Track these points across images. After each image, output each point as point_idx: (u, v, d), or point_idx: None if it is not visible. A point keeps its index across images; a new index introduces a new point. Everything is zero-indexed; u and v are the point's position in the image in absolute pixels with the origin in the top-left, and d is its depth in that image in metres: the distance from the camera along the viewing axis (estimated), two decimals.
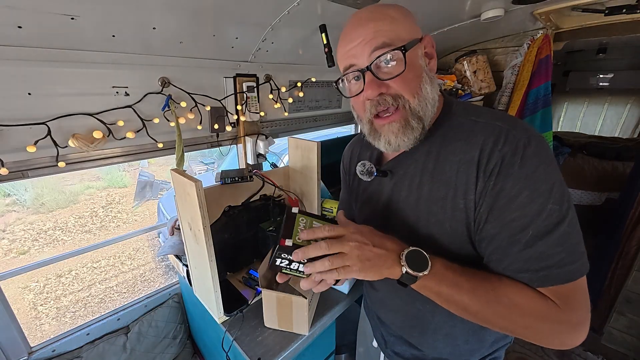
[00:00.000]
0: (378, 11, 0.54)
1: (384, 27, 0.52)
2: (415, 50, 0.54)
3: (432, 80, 0.57)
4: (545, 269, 0.48)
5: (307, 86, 1.51)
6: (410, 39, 0.53)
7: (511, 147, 0.49)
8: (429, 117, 0.57)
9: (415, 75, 0.54)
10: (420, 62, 0.55)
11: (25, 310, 2.84)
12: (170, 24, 0.88)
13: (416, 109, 0.55)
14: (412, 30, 0.54)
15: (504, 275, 0.52)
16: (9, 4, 0.64)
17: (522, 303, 0.49)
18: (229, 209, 1.12)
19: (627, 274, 1.77)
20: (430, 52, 0.57)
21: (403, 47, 0.51)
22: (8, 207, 4.81)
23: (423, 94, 0.55)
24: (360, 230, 0.53)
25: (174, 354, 1.38)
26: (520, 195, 0.48)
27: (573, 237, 0.48)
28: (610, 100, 2.95)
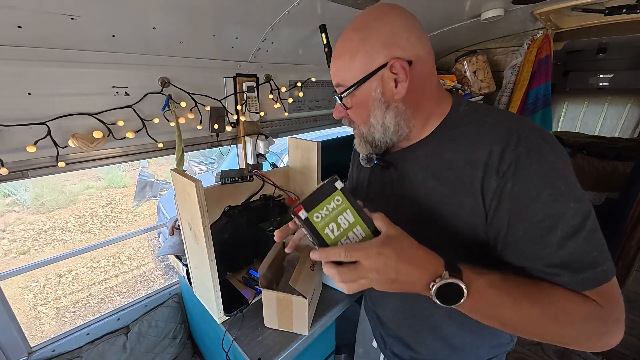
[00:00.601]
0: (342, 46, 0.58)
1: (340, 67, 0.58)
2: (368, 85, 0.56)
3: (386, 109, 0.57)
4: (582, 270, 0.46)
5: (307, 86, 1.51)
6: (360, 77, 0.55)
7: (525, 147, 0.48)
8: (380, 142, 0.61)
9: (363, 109, 0.59)
10: (372, 94, 0.56)
11: (25, 310, 2.84)
12: (170, 24, 0.88)
13: (365, 134, 0.62)
14: (371, 61, 0.54)
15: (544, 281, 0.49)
16: (9, 4, 0.64)
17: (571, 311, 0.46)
18: (229, 209, 1.12)
19: (627, 274, 1.77)
20: (399, 76, 0.53)
21: (341, 94, 0.58)
22: (8, 207, 4.81)
23: (371, 123, 0.59)
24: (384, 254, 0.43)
25: (174, 354, 1.38)
26: (541, 194, 0.47)
27: (598, 233, 0.47)
28: (610, 100, 2.95)
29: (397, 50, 0.53)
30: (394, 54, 0.53)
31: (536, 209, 0.47)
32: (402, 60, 0.53)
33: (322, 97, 1.65)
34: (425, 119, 0.60)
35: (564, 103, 3.19)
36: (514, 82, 1.71)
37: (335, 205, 0.48)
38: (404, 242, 0.46)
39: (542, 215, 0.47)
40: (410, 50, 0.54)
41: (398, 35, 0.54)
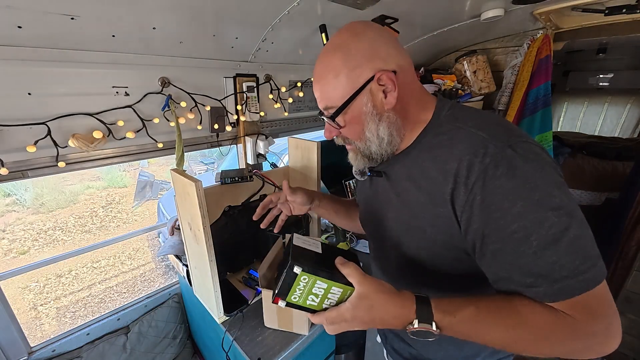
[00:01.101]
0: (325, 66, 0.57)
1: (325, 88, 0.58)
2: (357, 100, 0.56)
3: (380, 121, 0.57)
4: (560, 280, 0.45)
5: (307, 86, 1.51)
6: (351, 92, 0.55)
7: (493, 159, 0.47)
8: (377, 154, 0.61)
9: (356, 124, 0.59)
10: (364, 109, 0.57)
11: (25, 310, 2.84)
12: (170, 24, 0.88)
13: (362, 148, 0.61)
14: (357, 77, 0.55)
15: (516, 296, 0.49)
16: (9, 4, 0.64)
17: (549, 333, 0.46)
18: (229, 209, 1.12)
19: (626, 274, 1.77)
20: (387, 87, 0.55)
21: (330, 115, 0.59)
22: (8, 207, 4.81)
23: (366, 136, 0.59)
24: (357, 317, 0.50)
25: (174, 354, 1.38)
26: (513, 206, 0.46)
27: (584, 240, 0.45)
28: (610, 100, 2.95)
29: (380, 62, 0.55)
30: (378, 66, 0.54)
31: (509, 221, 0.46)
32: (388, 72, 0.54)
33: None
34: (412, 126, 0.60)
35: (564, 103, 3.19)
36: (514, 82, 1.71)
37: (305, 283, 0.51)
38: (374, 300, 0.49)
39: (516, 226, 0.46)
40: (392, 61, 0.55)
41: (378, 48, 0.55)
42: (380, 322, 0.50)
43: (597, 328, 0.45)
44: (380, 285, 0.50)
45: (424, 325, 0.47)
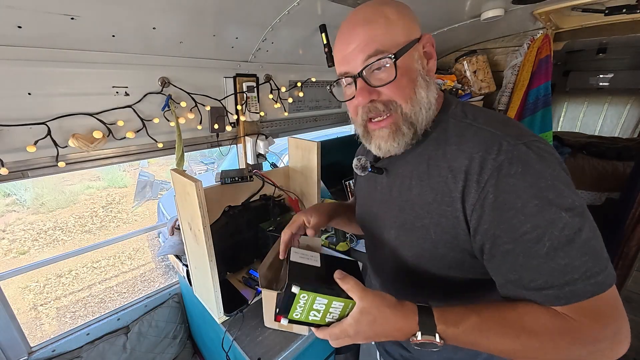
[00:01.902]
0: (374, 11, 0.52)
1: (378, 32, 0.51)
2: (411, 54, 0.52)
3: (428, 83, 0.55)
4: (571, 282, 0.43)
5: (307, 86, 1.51)
6: (405, 42, 0.52)
7: (508, 156, 0.46)
8: (423, 121, 0.55)
9: (408, 81, 0.53)
10: (415, 65, 0.53)
11: (25, 310, 2.84)
12: (171, 24, 0.88)
13: (408, 114, 0.54)
14: (410, 31, 0.53)
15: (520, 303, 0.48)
16: (9, 4, 0.64)
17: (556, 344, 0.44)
18: (229, 209, 1.12)
19: (627, 274, 1.77)
20: (429, 52, 0.55)
21: (394, 54, 0.51)
22: (8, 207, 4.82)
23: (417, 98, 0.54)
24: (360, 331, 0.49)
25: (174, 354, 1.38)
26: (527, 205, 0.44)
27: (596, 242, 0.44)
28: (610, 100, 2.95)
29: (420, 30, 0.54)
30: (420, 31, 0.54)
31: (522, 220, 0.45)
32: (432, 37, 0.54)
33: (322, 97, 1.65)
34: None
35: (564, 103, 3.19)
36: (514, 82, 1.71)
37: (304, 301, 0.51)
38: (376, 314, 0.48)
39: (529, 226, 0.44)
40: None
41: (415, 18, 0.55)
42: (383, 335, 0.49)
43: (605, 333, 0.43)
44: (381, 298, 0.49)
45: (427, 337, 0.46)
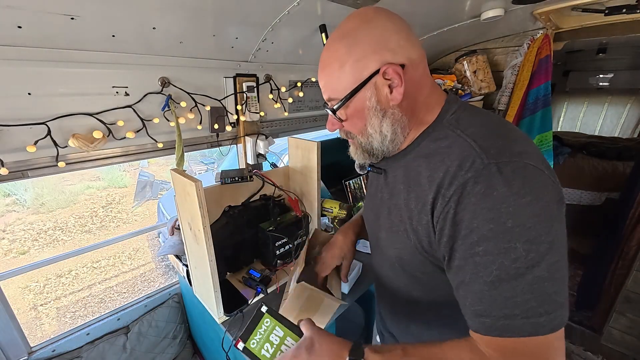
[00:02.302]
0: (330, 54, 0.55)
1: (331, 78, 0.56)
2: (361, 94, 0.54)
3: (383, 117, 0.55)
4: (509, 317, 0.42)
5: (307, 86, 1.51)
6: (355, 84, 0.53)
7: (475, 174, 0.45)
8: (380, 148, 0.59)
9: (358, 119, 0.57)
10: (366, 103, 0.54)
11: (26, 310, 2.84)
12: (171, 24, 0.88)
13: (363, 143, 0.60)
14: (363, 68, 0.52)
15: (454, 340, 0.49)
16: (9, 4, 0.64)
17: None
18: (229, 209, 1.12)
19: (627, 274, 1.77)
20: (394, 81, 0.52)
21: (333, 108, 0.57)
22: (8, 207, 4.82)
23: (369, 132, 0.57)
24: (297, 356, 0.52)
25: (174, 354, 1.38)
26: (482, 228, 0.43)
27: (550, 284, 0.41)
28: (610, 100, 2.95)
29: (388, 54, 0.51)
30: (386, 59, 0.51)
31: (475, 242, 0.44)
32: (395, 65, 0.51)
33: (322, 97, 1.65)
34: (417, 126, 0.58)
35: (564, 103, 3.20)
36: (514, 82, 1.71)
37: (266, 327, 0.57)
38: (315, 340, 0.53)
39: (481, 250, 0.44)
40: (402, 54, 0.51)
41: (388, 39, 0.51)
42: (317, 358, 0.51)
43: None
44: (325, 332, 0.55)
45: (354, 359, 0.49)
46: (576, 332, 1.99)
